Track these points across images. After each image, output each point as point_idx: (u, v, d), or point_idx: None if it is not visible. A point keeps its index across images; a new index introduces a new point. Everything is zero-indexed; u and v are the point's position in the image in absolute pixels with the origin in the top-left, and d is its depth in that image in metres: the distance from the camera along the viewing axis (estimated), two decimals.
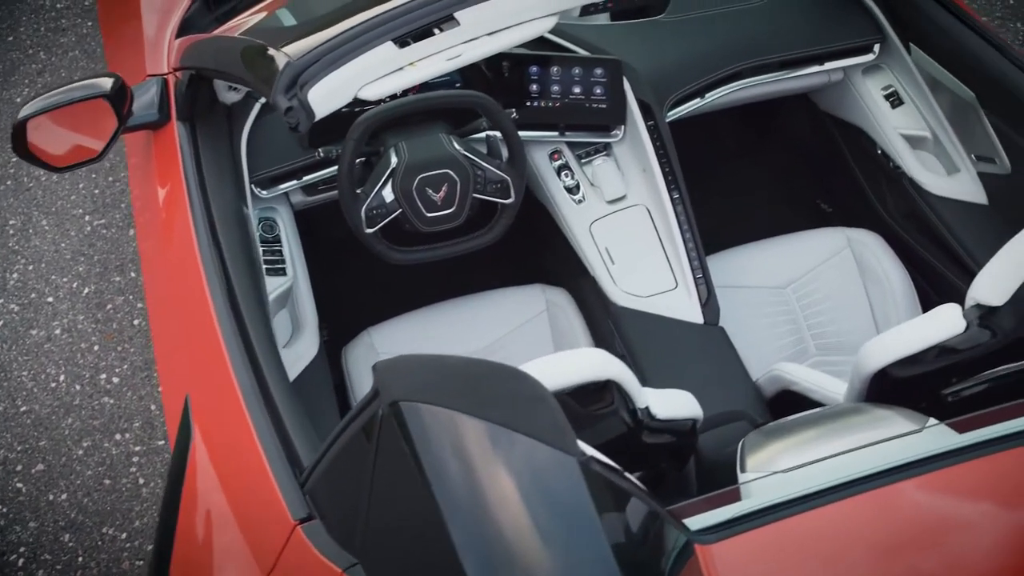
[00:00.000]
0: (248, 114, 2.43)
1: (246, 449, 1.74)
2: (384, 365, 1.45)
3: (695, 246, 2.44)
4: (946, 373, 1.81)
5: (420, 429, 1.37)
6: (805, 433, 1.70)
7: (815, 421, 1.73)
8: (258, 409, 1.76)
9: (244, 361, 1.85)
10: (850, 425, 1.70)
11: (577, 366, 1.56)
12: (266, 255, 2.44)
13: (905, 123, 2.69)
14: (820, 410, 1.82)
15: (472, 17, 1.96)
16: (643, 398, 1.67)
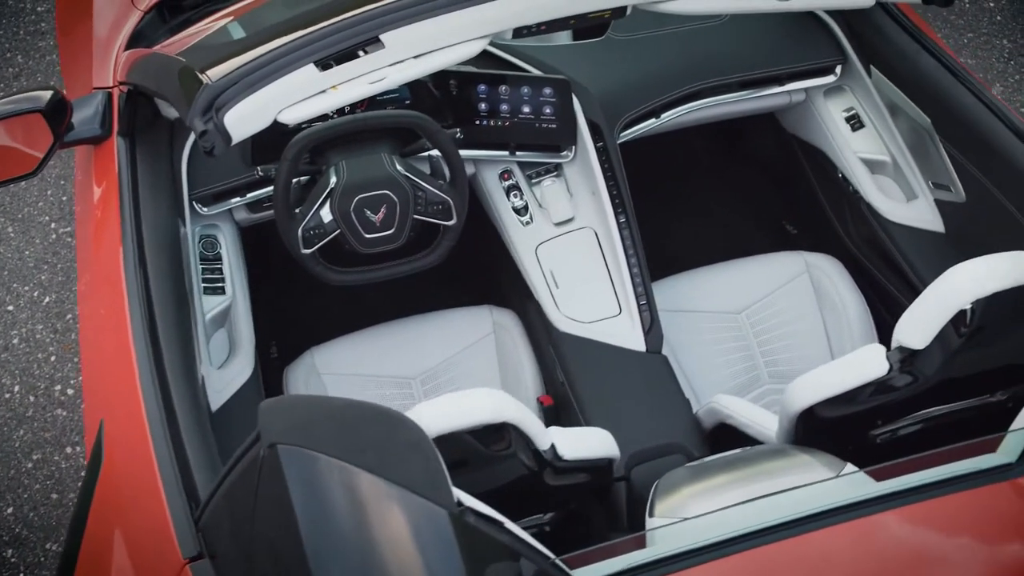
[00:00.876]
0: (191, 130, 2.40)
1: (147, 481, 1.70)
2: (267, 405, 1.42)
3: (640, 271, 2.38)
4: (871, 415, 1.76)
5: (295, 473, 1.33)
6: (718, 478, 1.65)
7: (730, 465, 1.68)
8: (163, 440, 1.72)
9: (155, 389, 1.81)
10: (766, 471, 1.66)
11: (468, 409, 1.51)
12: (205, 273, 2.41)
13: (865, 147, 2.63)
14: (739, 452, 1.77)
15: (398, 39, 1.92)
16: (546, 439, 1.62)
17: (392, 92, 2.50)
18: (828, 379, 1.74)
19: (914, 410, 1.73)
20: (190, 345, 2.04)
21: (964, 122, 2.28)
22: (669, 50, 2.63)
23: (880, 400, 1.71)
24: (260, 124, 1.91)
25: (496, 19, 1.96)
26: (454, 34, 1.95)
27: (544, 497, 1.69)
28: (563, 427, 1.72)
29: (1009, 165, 2.16)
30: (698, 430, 2.20)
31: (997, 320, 1.62)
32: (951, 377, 1.66)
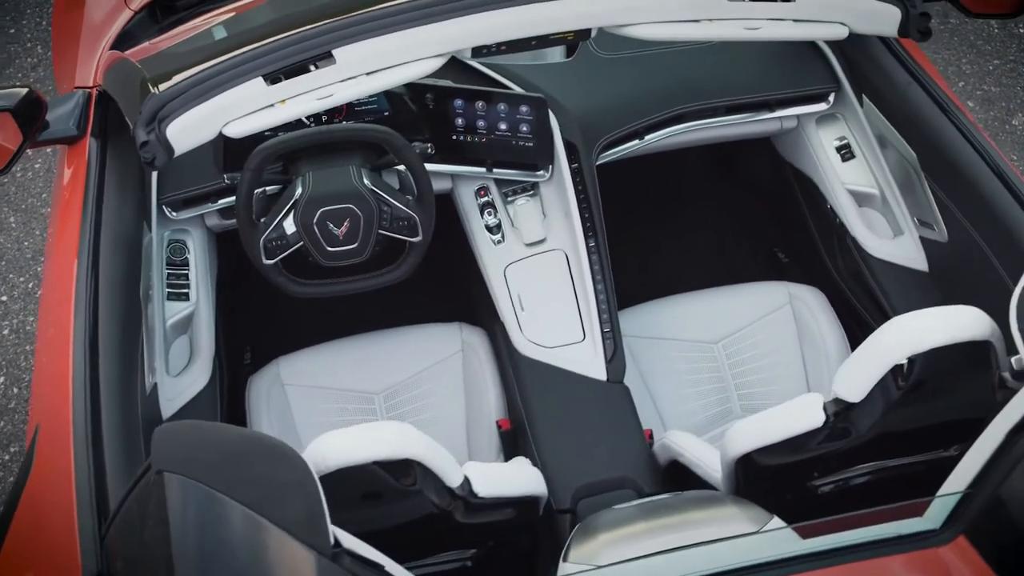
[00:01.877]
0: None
1: (64, 491, 1.68)
2: (162, 430, 1.39)
3: (607, 298, 2.33)
4: (808, 466, 1.69)
5: (175, 503, 1.31)
6: (637, 525, 1.60)
7: (653, 512, 1.63)
8: (84, 452, 1.71)
9: (85, 399, 1.79)
10: (688, 520, 1.60)
11: (372, 442, 1.48)
12: (171, 279, 2.40)
13: (854, 178, 2.55)
14: (666, 498, 1.72)
15: (350, 55, 1.88)
16: (457, 475, 1.57)
17: (371, 104, 2.47)
18: (765, 426, 1.68)
19: (853, 463, 1.67)
20: (134, 353, 2.02)
21: (948, 160, 2.20)
22: (656, 71, 2.57)
23: (816, 451, 1.64)
24: (205, 136, 1.89)
25: (453, 38, 1.92)
26: (408, 52, 1.91)
27: (460, 533, 1.65)
28: (486, 462, 1.68)
29: (988, 207, 2.08)
30: (652, 465, 2.15)
31: (937, 376, 1.55)
32: (889, 431, 1.60)
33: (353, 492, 1.52)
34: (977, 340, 1.49)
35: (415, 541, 1.60)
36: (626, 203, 3.24)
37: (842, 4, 1.99)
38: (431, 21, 1.90)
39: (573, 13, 1.93)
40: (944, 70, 3.93)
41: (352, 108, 2.46)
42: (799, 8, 1.98)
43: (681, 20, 1.98)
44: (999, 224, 2.04)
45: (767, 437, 1.66)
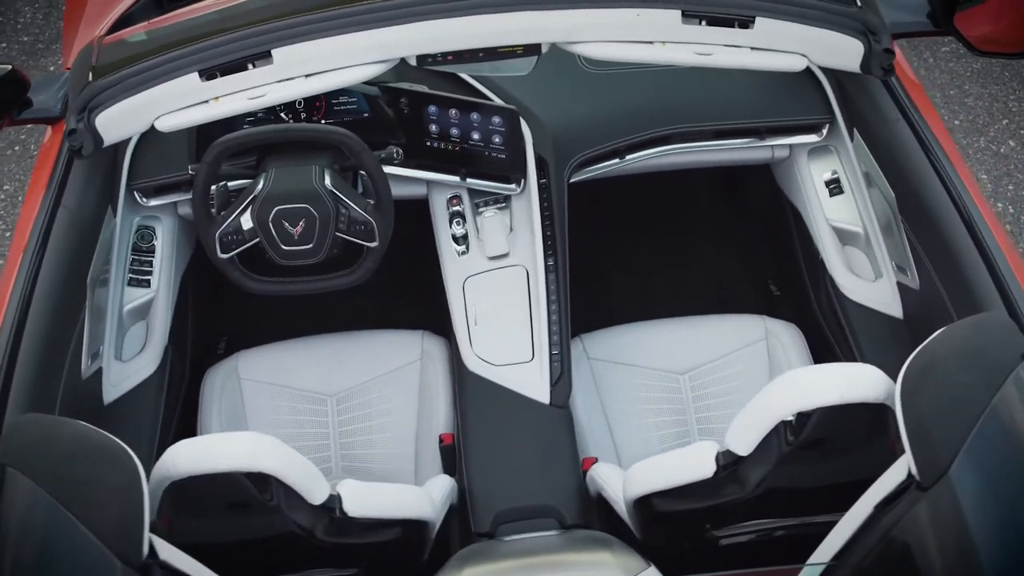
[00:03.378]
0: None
1: None
2: (14, 423, 1.39)
3: (559, 319, 2.27)
4: (700, 515, 1.62)
5: (11, 497, 1.30)
6: (505, 562, 1.54)
7: (525, 551, 1.58)
8: None
9: None
10: (555, 563, 1.55)
11: (224, 452, 1.45)
12: (135, 265, 2.41)
13: (840, 215, 2.44)
14: (540, 537, 1.66)
15: (289, 56, 1.86)
16: (321, 493, 1.53)
17: (351, 104, 2.45)
18: (659, 471, 1.61)
19: (746, 517, 1.59)
20: (67, 336, 2.03)
21: (922, 204, 2.08)
22: (644, 90, 2.49)
23: (707, 502, 1.57)
24: (136, 128, 1.89)
25: (396, 45, 1.89)
26: (349, 56, 1.88)
27: (329, 551, 1.61)
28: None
29: (952, 258, 1.97)
30: (581, 496, 2.08)
31: (835, 436, 1.47)
32: (779, 488, 1.51)
33: (219, 500, 1.50)
34: (870, 402, 1.41)
35: (284, 555, 1.58)
36: (624, 221, 3.17)
37: (802, 35, 1.90)
38: (375, 26, 1.87)
39: (520, 27, 1.89)
40: (989, 106, 3.77)
41: (332, 107, 2.45)
42: (757, 36, 1.90)
43: (634, 41, 1.91)
44: (959, 277, 1.93)
45: (660, 482, 1.59)
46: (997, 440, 1.24)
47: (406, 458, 2.37)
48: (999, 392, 1.27)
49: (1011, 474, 1.22)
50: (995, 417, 1.25)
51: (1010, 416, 1.27)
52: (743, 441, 1.50)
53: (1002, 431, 1.25)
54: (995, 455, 1.23)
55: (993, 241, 1.91)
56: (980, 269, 1.88)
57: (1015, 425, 1.26)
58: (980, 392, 1.27)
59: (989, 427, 1.25)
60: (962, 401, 1.27)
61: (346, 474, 2.38)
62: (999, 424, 1.25)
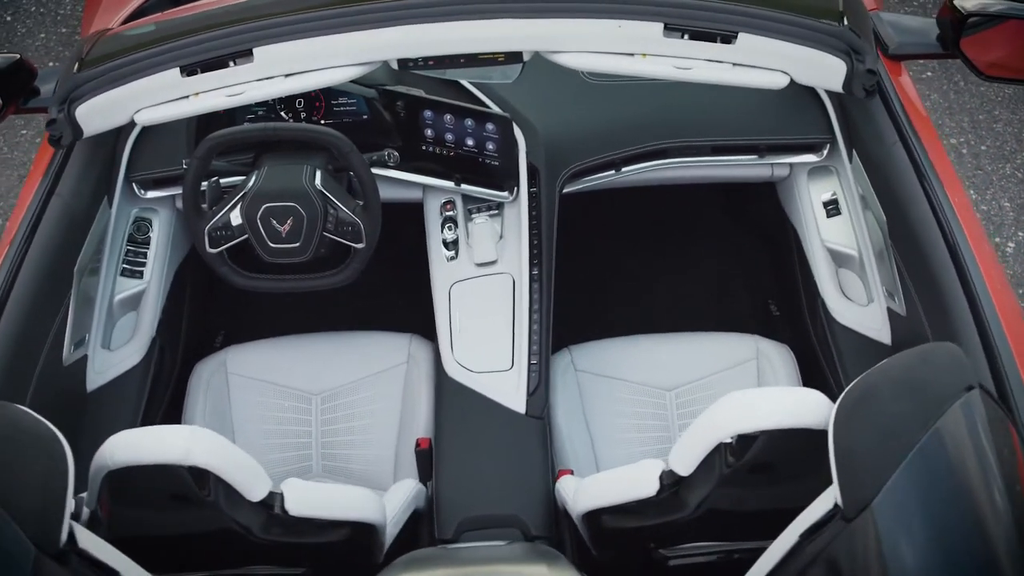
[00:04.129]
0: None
1: None
2: None
3: (540, 330, 2.26)
4: (644, 534, 1.60)
5: None
6: (440, 570, 1.53)
7: (465, 559, 1.57)
8: None
9: None
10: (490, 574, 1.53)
11: (155, 445, 1.45)
12: (129, 256, 2.44)
13: (836, 237, 2.40)
14: (484, 547, 1.65)
15: (269, 56, 1.87)
16: (260, 490, 1.53)
17: (350, 106, 2.46)
18: (606, 487, 1.59)
19: (690, 538, 1.56)
20: (47, 323, 2.06)
21: (910, 230, 2.04)
22: (643, 102, 2.47)
23: (651, 520, 1.55)
24: (116, 121, 1.91)
25: (376, 48, 1.89)
26: (330, 57, 1.89)
27: (269, 549, 1.61)
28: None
29: (935, 287, 1.92)
30: (548, 507, 2.07)
31: (781, 460, 1.44)
32: (720, 510, 1.49)
33: (159, 492, 1.50)
34: (813, 428, 1.38)
35: (225, 551, 1.58)
36: (628, 233, 3.15)
37: (784, 52, 1.87)
38: (356, 29, 1.88)
39: (501, 34, 1.88)
40: (1018, 132, 3.69)
41: (331, 108, 2.46)
42: (739, 52, 1.88)
43: (614, 52, 1.90)
44: (939, 305, 1.89)
45: (605, 498, 1.58)
46: (927, 475, 1.21)
47: (386, 460, 2.37)
48: (935, 425, 1.24)
49: (937, 512, 1.19)
50: (928, 451, 1.22)
51: (944, 450, 1.23)
52: (684, 461, 1.48)
53: (933, 466, 1.22)
54: (923, 490, 1.20)
55: (976, 271, 1.87)
56: (959, 298, 1.84)
57: (948, 460, 1.23)
58: (914, 424, 1.24)
59: (920, 461, 1.21)
60: (894, 433, 1.24)
61: (326, 473, 2.39)
62: (931, 458, 1.22)
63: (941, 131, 3.67)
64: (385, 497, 2.01)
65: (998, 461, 1.27)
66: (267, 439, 2.39)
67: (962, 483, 1.21)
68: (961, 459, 1.23)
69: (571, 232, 3.06)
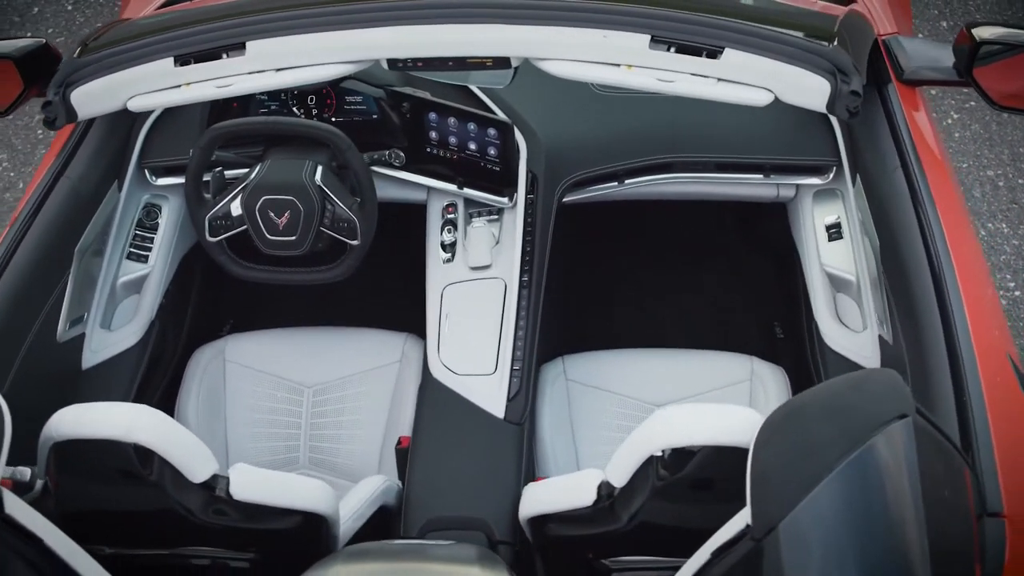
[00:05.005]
0: None
1: None
2: None
3: (526, 336, 2.26)
4: (582, 543, 1.59)
5: None
6: (375, 564, 1.54)
7: (403, 555, 1.58)
8: None
9: None
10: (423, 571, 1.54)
11: (99, 420, 1.48)
12: (137, 240, 2.50)
13: (836, 261, 2.37)
14: (426, 544, 1.66)
15: (261, 49, 1.91)
16: (203, 471, 1.55)
17: (360, 105, 2.50)
18: (549, 494, 1.60)
19: (624, 551, 1.56)
20: (42, 300, 2.12)
21: (900, 258, 2.01)
22: (650, 115, 2.47)
23: (588, 530, 1.55)
24: (110, 106, 1.96)
25: (366, 47, 1.92)
26: (320, 54, 1.92)
27: (220, 532, 1.63)
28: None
29: (915, 319, 1.88)
30: (516, 513, 2.07)
31: (713, 476, 1.43)
32: (651, 523, 1.48)
33: (104, 468, 1.54)
34: (740, 446, 1.36)
35: (171, 530, 1.61)
36: (637, 247, 3.14)
37: (769, 69, 1.86)
38: (347, 28, 1.90)
39: (488, 39, 1.90)
40: None
41: (342, 107, 2.50)
42: (724, 67, 1.86)
43: (599, 62, 1.90)
44: (918, 336, 1.85)
45: (545, 505, 1.58)
46: (841, 501, 1.19)
47: (371, 456, 2.39)
48: (857, 451, 1.21)
49: (846, 539, 1.16)
50: (845, 477, 1.20)
51: (862, 477, 1.21)
52: (618, 472, 1.47)
53: (849, 492, 1.19)
54: (835, 516, 1.18)
55: (959, 305, 1.82)
56: (937, 331, 1.80)
57: (865, 488, 1.20)
58: (835, 449, 1.22)
59: (835, 486, 1.19)
60: (813, 455, 1.22)
61: (312, 465, 2.42)
62: (848, 485, 1.20)
63: (978, 162, 3.60)
64: (351, 491, 2.03)
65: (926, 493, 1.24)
66: (257, 427, 2.43)
67: (877, 512, 1.19)
68: (879, 488, 1.21)
69: (580, 243, 3.06)
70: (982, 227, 3.40)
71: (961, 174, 3.57)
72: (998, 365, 1.81)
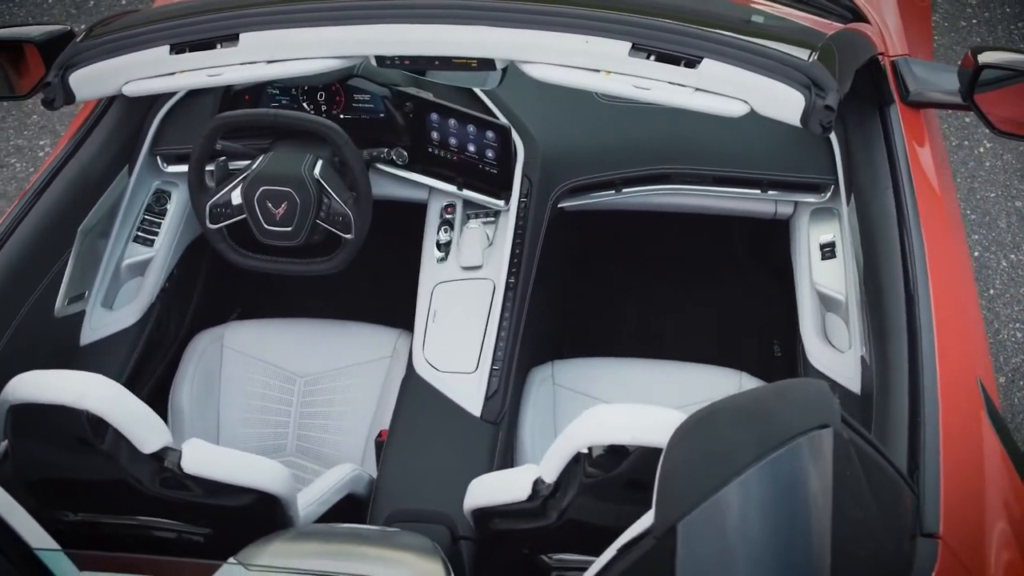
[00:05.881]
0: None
1: None
2: None
3: (508, 336, 2.28)
4: (519, 538, 1.61)
5: None
6: (310, 544, 1.58)
7: (338, 537, 1.61)
8: None
9: None
10: (355, 554, 1.57)
11: (52, 386, 1.53)
12: (145, 224, 2.57)
13: (828, 280, 2.35)
14: (366, 529, 1.68)
15: (254, 41, 1.97)
16: (152, 443, 1.60)
17: (368, 104, 2.55)
18: (487, 488, 1.61)
19: (557, 548, 1.57)
20: (39, 275, 2.19)
21: (878, 279, 1.99)
22: (650, 125, 2.47)
23: (523, 525, 1.56)
24: (107, 90, 2.03)
25: (356, 42, 1.96)
26: (310, 48, 1.97)
27: (175, 506, 1.67)
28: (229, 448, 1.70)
29: (885, 341, 1.87)
30: None
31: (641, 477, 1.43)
32: (580, 521, 1.49)
33: (65, 432, 1.59)
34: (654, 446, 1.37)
35: (125, 500, 1.65)
36: (644, 258, 3.15)
37: (746, 81, 1.86)
38: (337, 24, 1.95)
39: (472, 40, 1.93)
40: None
41: (351, 104, 2.55)
42: (701, 78, 1.87)
43: (580, 67, 1.92)
44: (884, 359, 1.83)
45: (484, 498, 1.60)
46: (744, 506, 1.19)
47: (355, 448, 2.43)
48: (769, 457, 1.21)
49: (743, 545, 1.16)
50: (750, 482, 1.19)
51: (771, 483, 1.20)
52: (549, 467, 1.49)
53: (753, 498, 1.19)
54: (735, 520, 1.18)
55: (929, 329, 1.81)
56: (902, 353, 1.78)
57: (771, 494, 1.20)
58: (745, 454, 1.22)
59: (740, 491, 1.19)
60: (722, 458, 1.22)
61: (298, 453, 2.46)
62: (752, 490, 1.19)
63: (1007, 192, 3.54)
64: (319, 477, 2.07)
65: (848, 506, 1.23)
66: (248, 413, 2.48)
67: (779, 521, 1.18)
68: (787, 497, 1.20)
69: (584, 251, 3.08)
70: (1004, 258, 3.34)
71: (988, 203, 3.52)
72: (965, 389, 1.79)
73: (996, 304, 3.22)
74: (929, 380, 1.70)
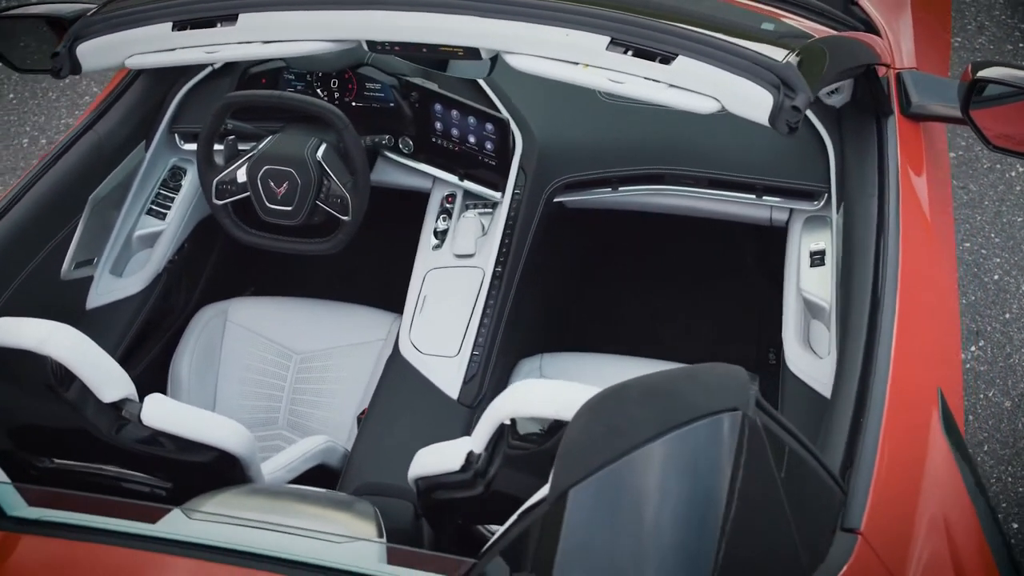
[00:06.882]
0: (201, 68, 2.65)
1: None
2: None
3: (491, 323, 2.33)
4: (453, 507, 1.65)
5: None
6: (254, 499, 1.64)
7: (280, 495, 1.66)
8: None
9: None
10: (297, 512, 1.62)
11: (20, 332, 1.59)
12: (159, 198, 2.68)
13: (815, 287, 2.35)
14: (311, 491, 1.73)
15: (251, 22, 2.05)
16: (111, 393, 1.66)
17: (379, 93, 2.62)
18: (427, 458, 1.66)
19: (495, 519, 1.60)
20: (45, 238, 2.29)
21: (849, 285, 2.00)
22: (651, 126, 2.50)
23: (456, 494, 1.61)
24: (111, 62, 2.13)
25: (348, 27, 2.03)
26: (305, 31, 2.04)
27: (137, 457, 1.74)
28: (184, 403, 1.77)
29: (845, 346, 1.87)
30: None
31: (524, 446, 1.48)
32: (504, 493, 1.53)
33: (36, 378, 1.66)
34: None
35: (87, 447, 1.72)
36: (647, 258, 3.17)
37: (717, 78, 1.88)
38: (331, 8, 2.02)
39: (457, 29, 1.99)
40: None
41: (362, 92, 2.63)
42: (675, 73, 1.90)
43: (560, 59, 1.96)
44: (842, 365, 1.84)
45: (422, 467, 1.64)
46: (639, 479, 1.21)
47: (343, 427, 2.49)
48: (668, 435, 1.23)
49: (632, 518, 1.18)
50: (645, 457, 1.22)
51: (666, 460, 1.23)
52: (477, 438, 1.53)
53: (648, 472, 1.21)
54: (627, 493, 1.20)
55: (889, 335, 1.81)
56: (856, 357, 1.79)
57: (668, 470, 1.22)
58: (645, 429, 1.24)
59: (632, 465, 1.21)
60: (621, 433, 1.24)
61: (289, 427, 2.54)
62: (649, 464, 1.22)
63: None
64: (291, 445, 2.13)
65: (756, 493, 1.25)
66: (245, 386, 2.56)
67: (669, 499, 1.20)
68: (681, 475, 1.22)
69: (585, 248, 3.11)
70: None
71: (1014, 227, 3.47)
72: (919, 396, 1.79)
73: (1011, 328, 3.18)
74: (879, 383, 1.71)
